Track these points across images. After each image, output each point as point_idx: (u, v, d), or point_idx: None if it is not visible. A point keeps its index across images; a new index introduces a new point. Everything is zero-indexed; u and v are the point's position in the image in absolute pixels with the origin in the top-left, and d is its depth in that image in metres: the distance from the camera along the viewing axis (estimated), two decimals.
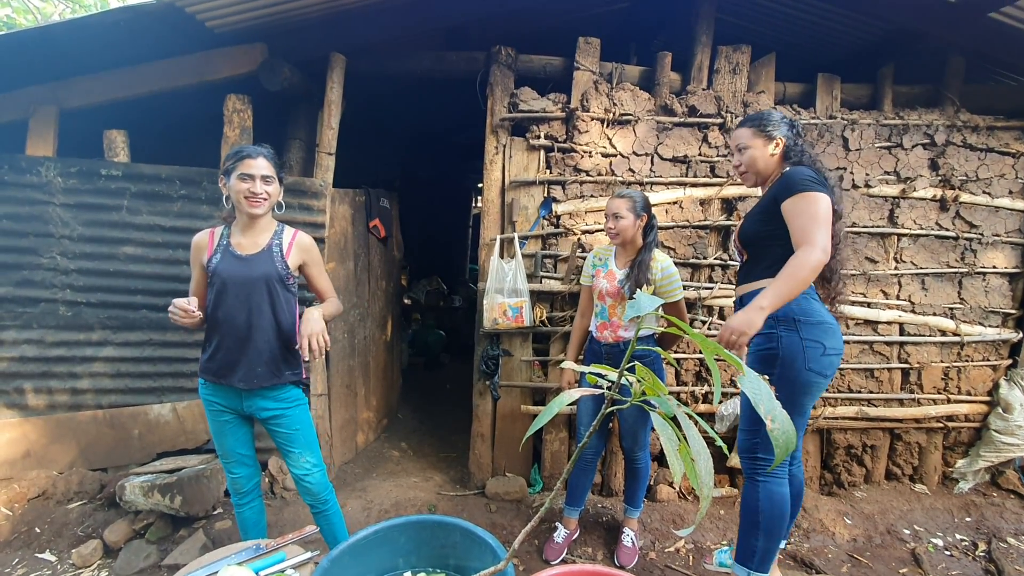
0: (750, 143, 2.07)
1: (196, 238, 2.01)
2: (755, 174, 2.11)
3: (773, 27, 3.50)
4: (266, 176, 1.91)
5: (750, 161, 2.08)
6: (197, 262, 2.01)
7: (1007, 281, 3.19)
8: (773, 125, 2.06)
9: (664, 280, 2.39)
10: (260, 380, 1.98)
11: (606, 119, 3.02)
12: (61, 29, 2.51)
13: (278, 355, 2.01)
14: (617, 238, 2.41)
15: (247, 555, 1.67)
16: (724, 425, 3.03)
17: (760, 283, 2.02)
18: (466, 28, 3.26)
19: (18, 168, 2.81)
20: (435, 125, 5.99)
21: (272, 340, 1.99)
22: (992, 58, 3.28)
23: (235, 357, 1.96)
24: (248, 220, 1.96)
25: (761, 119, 2.07)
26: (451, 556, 1.58)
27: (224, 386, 1.99)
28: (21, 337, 2.87)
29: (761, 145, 2.06)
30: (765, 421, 0.72)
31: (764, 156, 2.06)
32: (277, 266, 1.99)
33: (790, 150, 2.06)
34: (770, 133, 2.05)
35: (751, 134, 2.07)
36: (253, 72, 2.90)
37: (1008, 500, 3.12)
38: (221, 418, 2.04)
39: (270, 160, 1.94)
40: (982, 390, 3.22)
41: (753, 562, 2.03)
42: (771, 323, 1.97)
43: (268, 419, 2.04)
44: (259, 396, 2.01)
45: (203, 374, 2.03)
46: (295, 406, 2.07)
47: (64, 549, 2.56)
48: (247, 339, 1.96)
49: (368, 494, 3.07)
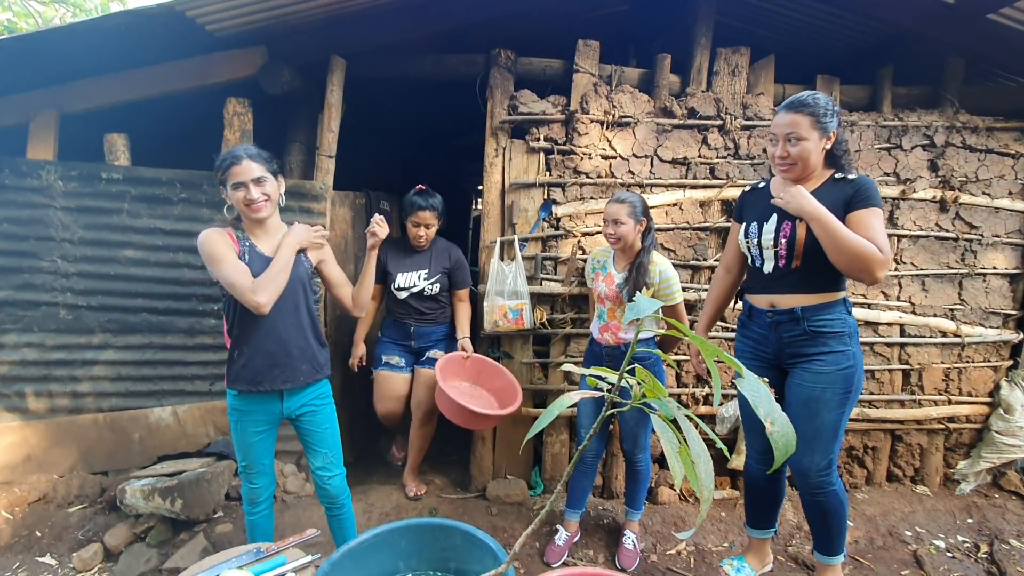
0: (807, 134, 1.85)
1: (214, 233, 1.88)
2: (803, 169, 1.91)
3: (772, 29, 3.51)
4: (258, 178, 1.86)
5: (803, 154, 1.87)
6: (230, 250, 1.87)
7: (1007, 282, 3.19)
8: (829, 116, 1.85)
9: (663, 284, 2.40)
10: (305, 377, 2.01)
11: (606, 121, 3.02)
12: (62, 33, 2.52)
13: (316, 351, 2.05)
14: (618, 243, 2.42)
15: (248, 558, 1.67)
16: (724, 427, 3.03)
17: (829, 295, 1.95)
18: (466, 31, 3.27)
19: (19, 172, 2.81)
20: (435, 127, 6.00)
21: (310, 337, 2.02)
22: (991, 59, 3.29)
23: (276, 360, 1.95)
24: (258, 225, 1.97)
25: (819, 107, 1.84)
26: (452, 559, 1.57)
27: (262, 393, 1.96)
28: (22, 340, 2.88)
29: (817, 138, 1.86)
30: (765, 424, 0.72)
31: (818, 151, 1.87)
32: (305, 265, 2.03)
33: (837, 146, 1.91)
34: (826, 126, 1.85)
35: (809, 124, 1.84)
36: (253, 75, 2.90)
37: (1010, 501, 3.11)
38: (254, 429, 2.01)
39: (257, 159, 1.88)
40: (983, 391, 3.22)
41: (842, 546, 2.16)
42: (846, 340, 1.94)
43: (302, 415, 2.05)
44: (300, 395, 2.03)
45: (236, 383, 1.95)
46: (327, 403, 2.11)
47: (65, 553, 2.56)
48: (288, 340, 1.96)
49: (369, 497, 3.07)
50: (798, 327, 1.98)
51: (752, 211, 2.12)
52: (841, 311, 1.97)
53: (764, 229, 2.02)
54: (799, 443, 2.00)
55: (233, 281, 1.82)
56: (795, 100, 1.88)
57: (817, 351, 1.97)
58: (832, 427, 1.99)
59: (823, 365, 1.96)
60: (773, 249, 2.00)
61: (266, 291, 1.84)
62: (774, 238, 1.99)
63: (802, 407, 2.00)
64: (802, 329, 1.98)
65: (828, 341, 1.95)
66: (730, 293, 2.34)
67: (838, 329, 1.95)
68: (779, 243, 1.97)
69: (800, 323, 1.97)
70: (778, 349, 2.07)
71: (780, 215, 1.98)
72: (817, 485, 2.04)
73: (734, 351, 2.28)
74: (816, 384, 1.97)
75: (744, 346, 2.22)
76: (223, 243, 1.87)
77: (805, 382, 2.00)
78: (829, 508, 2.07)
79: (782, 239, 1.96)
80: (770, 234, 2.00)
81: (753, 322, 2.15)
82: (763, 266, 2.06)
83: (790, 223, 1.95)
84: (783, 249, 1.97)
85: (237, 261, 1.86)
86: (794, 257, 1.95)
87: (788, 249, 1.96)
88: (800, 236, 1.92)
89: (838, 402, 1.96)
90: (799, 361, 2.02)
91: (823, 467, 2.02)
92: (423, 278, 2.92)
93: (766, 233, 2.01)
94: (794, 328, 2.00)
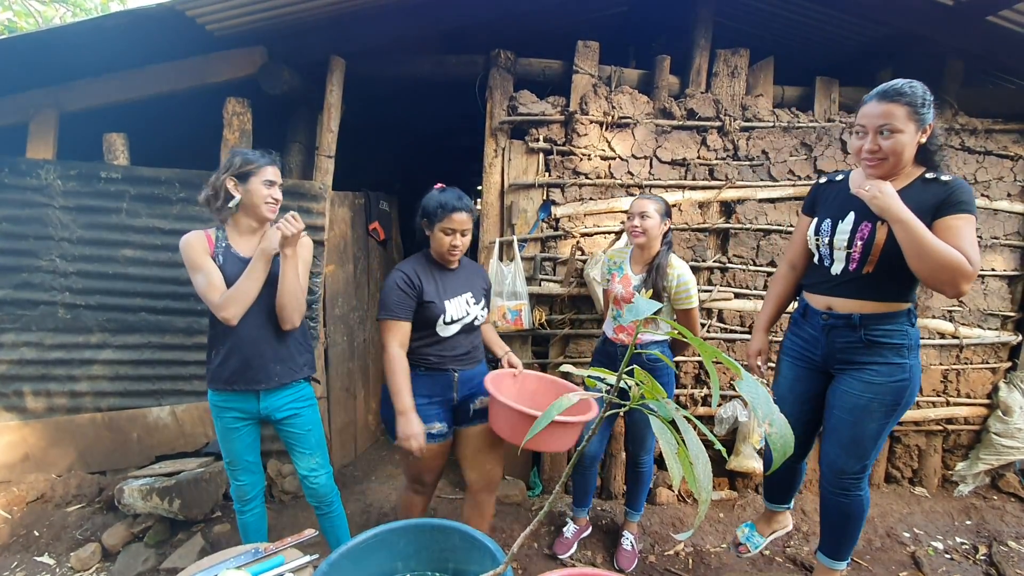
0: (903, 126, 1.65)
1: (193, 238, 1.93)
2: (894, 165, 1.71)
3: (771, 30, 3.51)
4: (279, 183, 2.00)
5: (897, 149, 1.67)
6: (207, 257, 1.92)
7: (1006, 284, 3.19)
8: (927, 107, 1.65)
9: (680, 287, 2.34)
10: (280, 377, 2.02)
11: (605, 122, 3.02)
12: (62, 33, 2.52)
13: (292, 351, 2.06)
14: (642, 237, 2.36)
15: (246, 559, 1.67)
16: (723, 428, 3.03)
17: (895, 305, 1.81)
18: (465, 32, 3.27)
19: (18, 171, 2.81)
20: (434, 128, 5.99)
21: (282, 338, 2.03)
22: (990, 61, 3.29)
23: (251, 360, 1.97)
24: (258, 225, 2.00)
25: (917, 96, 1.64)
26: (450, 560, 1.57)
27: (239, 392, 1.99)
28: (20, 340, 2.87)
29: (913, 131, 1.66)
30: (763, 426, 0.72)
31: (912, 145, 1.68)
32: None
33: (932, 141, 1.72)
34: (924, 117, 1.65)
35: (906, 115, 1.64)
36: (253, 75, 2.90)
37: (1008, 503, 3.11)
38: (233, 425, 2.03)
39: (278, 165, 2.02)
40: (981, 393, 3.22)
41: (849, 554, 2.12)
42: (904, 352, 1.83)
43: (283, 419, 2.06)
44: (276, 395, 2.03)
45: (215, 383, 2.00)
46: (308, 405, 2.12)
47: (63, 552, 2.56)
48: (262, 340, 1.98)
49: (367, 497, 3.07)
50: (853, 334, 1.87)
51: (827, 206, 1.94)
52: (904, 322, 1.83)
53: (839, 228, 1.86)
54: (837, 446, 1.94)
55: (204, 293, 1.90)
56: (888, 88, 1.68)
57: (871, 360, 1.86)
58: (874, 436, 1.90)
59: (875, 375, 1.85)
60: (846, 251, 1.84)
61: (233, 306, 1.89)
62: (848, 239, 1.82)
63: (846, 413, 1.91)
64: (858, 337, 1.86)
65: (884, 352, 1.84)
66: (793, 291, 2.19)
67: (898, 341, 1.83)
68: (854, 245, 1.81)
69: (857, 330, 1.86)
70: (827, 353, 1.96)
71: (859, 214, 1.82)
72: (845, 487, 1.99)
73: (781, 348, 2.18)
74: (864, 393, 1.87)
75: (792, 344, 2.10)
76: (200, 249, 1.91)
77: (853, 389, 1.89)
78: (851, 512, 2.02)
79: (858, 241, 1.80)
80: (844, 234, 1.84)
81: (807, 322, 2.03)
82: (831, 267, 1.90)
83: (869, 224, 1.78)
84: (857, 252, 1.81)
85: (212, 271, 1.90)
86: (867, 262, 1.79)
87: (863, 252, 1.79)
88: (879, 240, 1.75)
89: (884, 413, 1.87)
90: (850, 368, 1.91)
91: (857, 471, 1.96)
92: (471, 302, 2.15)
93: (840, 232, 1.85)
94: (849, 335, 1.88)
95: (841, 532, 2.08)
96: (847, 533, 2.07)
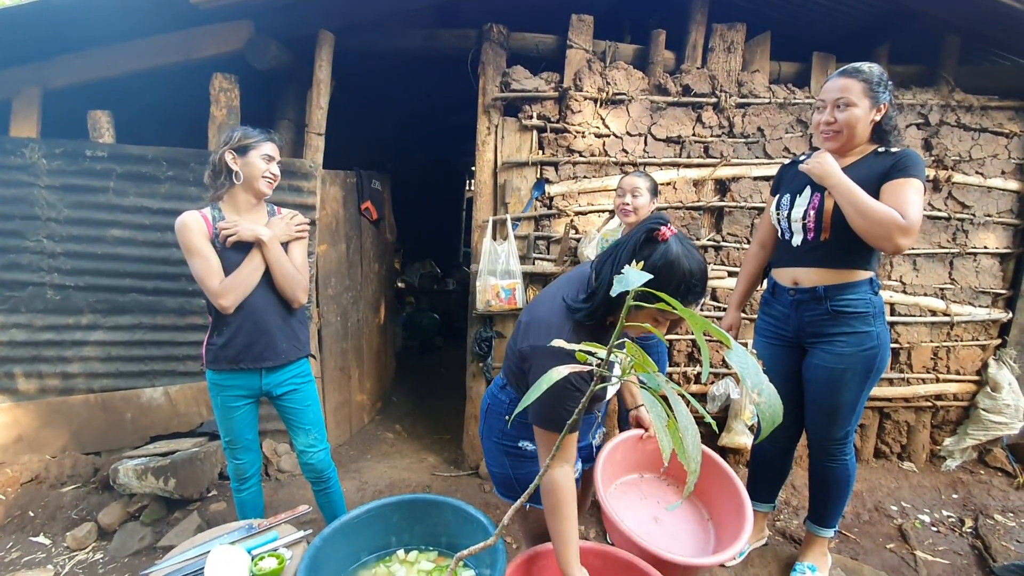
0: (857, 101, 1.80)
1: (189, 219, 1.88)
2: (848, 139, 1.85)
3: (769, 5, 3.45)
4: (277, 160, 2.00)
5: (851, 121, 1.82)
6: (206, 242, 1.89)
7: (998, 261, 3.20)
8: (883, 87, 1.81)
9: None
10: (288, 355, 2.04)
11: (599, 99, 2.98)
12: (44, 7, 2.45)
13: (295, 329, 2.08)
14: (633, 215, 2.38)
15: (240, 535, 1.68)
16: (715, 405, 3.05)
17: (855, 273, 1.91)
18: (458, 5, 3.20)
19: (2, 150, 2.76)
20: (427, 106, 5.91)
21: (287, 316, 2.05)
22: (987, 37, 3.25)
23: (256, 339, 1.97)
24: (255, 201, 2.00)
25: (873, 75, 1.80)
26: (443, 534, 1.59)
27: (242, 371, 1.99)
28: (9, 321, 2.85)
29: (867, 107, 1.81)
30: (752, 394, 0.72)
31: (866, 121, 1.82)
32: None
33: (886, 120, 1.86)
34: (878, 95, 1.81)
35: (861, 91, 1.80)
36: (240, 50, 2.84)
37: (995, 478, 3.17)
38: (233, 404, 2.03)
39: (277, 143, 2.04)
40: (971, 369, 3.25)
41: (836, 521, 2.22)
42: (870, 320, 1.92)
43: (283, 395, 2.07)
44: (279, 372, 2.05)
45: (216, 363, 1.98)
46: (307, 381, 2.14)
47: (58, 532, 2.57)
48: (266, 319, 1.98)
49: (363, 475, 3.09)
50: (820, 306, 1.96)
51: (788, 184, 2.08)
52: (866, 291, 1.94)
53: (796, 202, 2.00)
54: (818, 415, 2.05)
55: (202, 278, 1.88)
56: (848, 67, 1.84)
57: (839, 331, 1.95)
58: (852, 404, 2.01)
59: (844, 346, 1.94)
60: (802, 222, 1.97)
61: (232, 294, 1.89)
62: (804, 211, 1.96)
63: (822, 385, 2.01)
64: (824, 309, 1.95)
65: (851, 321, 1.93)
66: (763, 270, 2.33)
67: (862, 309, 1.92)
68: (807, 215, 1.95)
69: (822, 302, 1.95)
70: (799, 328, 2.05)
71: (813, 187, 1.95)
72: (831, 453, 2.10)
73: (754, 329, 2.28)
74: (837, 365, 1.96)
75: (765, 324, 2.21)
76: (198, 232, 1.88)
77: (825, 363, 1.98)
78: (837, 477, 2.12)
79: (811, 211, 1.93)
80: (801, 207, 1.97)
81: (776, 300, 2.14)
82: (792, 239, 2.03)
83: (819, 195, 1.92)
84: (812, 221, 1.93)
85: (210, 256, 1.88)
86: (823, 229, 1.91)
87: (816, 221, 1.92)
88: (828, 208, 1.89)
89: (858, 382, 1.96)
90: (820, 341, 1.99)
91: (840, 437, 2.07)
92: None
93: (797, 206, 1.99)
94: (816, 307, 1.97)
95: (828, 498, 2.17)
96: (834, 498, 2.16)
